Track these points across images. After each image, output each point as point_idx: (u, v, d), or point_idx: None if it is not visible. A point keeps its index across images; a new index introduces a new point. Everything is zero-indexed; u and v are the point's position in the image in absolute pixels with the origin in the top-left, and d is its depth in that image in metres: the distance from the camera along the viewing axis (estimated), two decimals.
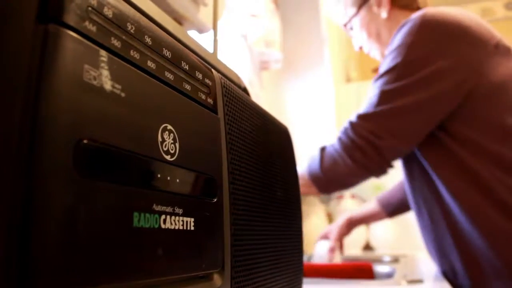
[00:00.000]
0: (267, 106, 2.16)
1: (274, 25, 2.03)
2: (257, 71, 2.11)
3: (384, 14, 1.19)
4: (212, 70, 0.39)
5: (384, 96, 1.01)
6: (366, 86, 2.88)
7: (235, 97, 0.41)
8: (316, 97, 2.44)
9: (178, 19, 0.89)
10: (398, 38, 1.03)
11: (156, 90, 0.29)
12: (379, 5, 1.20)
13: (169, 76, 0.31)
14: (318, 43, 2.46)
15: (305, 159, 1.20)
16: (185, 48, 0.35)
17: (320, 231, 2.49)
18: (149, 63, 0.29)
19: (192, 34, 0.95)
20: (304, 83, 2.48)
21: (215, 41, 0.85)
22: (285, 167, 0.51)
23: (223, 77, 0.40)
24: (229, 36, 1.89)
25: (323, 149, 1.13)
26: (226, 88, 0.40)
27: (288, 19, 2.45)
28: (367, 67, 3.50)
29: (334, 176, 1.10)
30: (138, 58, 0.28)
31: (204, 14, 0.92)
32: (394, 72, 1.01)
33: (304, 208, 2.55)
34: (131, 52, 0.28)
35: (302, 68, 2.49)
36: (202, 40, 1.06)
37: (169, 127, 0.30)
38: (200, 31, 0.94)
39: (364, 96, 2.80)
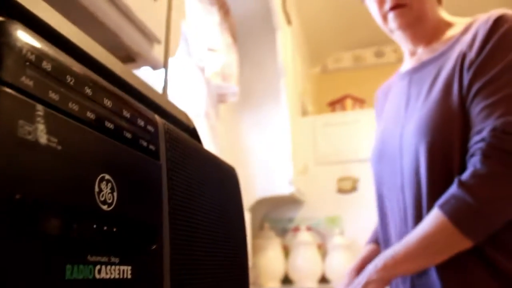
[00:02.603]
0: (223, 138, 2.18)
1: (232, 59, 2.06)
2: (214, 103, 2.13)
3: None
4: (155, 116, 0.40)
5: None
6: (321, 120, 2.94)
7: (179, 142, 0.42)
8: (272, 130, 2.47)
9: (132, 56, 0.90)
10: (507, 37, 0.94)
11: (94, 140, 0.30)
12: None
13: (109, 125, 0.32)
14: (275, 77, 2.51)
15: (433, 212, 0.91)
16: (127, 96, 0.36)
17: (275, 264, 2.50)
18: (88, 114, 0.30)
19: (146, 70, 0.96)
20: (260, 116, 2.51)
21: (165, 81, 0.86)
22: (231, 209, 0.52)
23: (166, 123, 0.41)
24: (186, 69, 1.90)
25: (461, 183, 0.88)
26: (170, 134, 0.41)
27: (246, 53, 2.49)
28: (322, 101, 3.58)
29: (503, 206, 0.86)
30: (76, 109, 0.29)
31: (158, 51, 0.93)
32: None
33: (260, 241, 2.55)
34: (70, 104, 0.28)
35: (258, 101, 2.53)
36: (156, 77, 1.07)
37: (107, 177, 0.30)
38: (154, 67, 0.95)
39: (320, 129, 2.86)
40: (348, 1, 3.24)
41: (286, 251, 2.63)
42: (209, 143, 1.96)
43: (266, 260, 2.49)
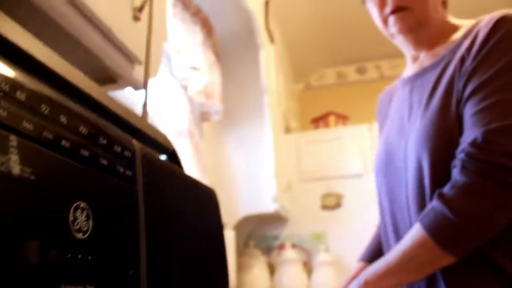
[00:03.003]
0: (207, 156, 2.17)
1: (215, 77, 2.07)
2: (197, 122, 2.14)
3: None
4: (133, 140, 0.40)
5: (510, 105, 0.85)
6: (305, 137, 2.95)
7: (156, 166, 0.42)
8: (255, 148, 2.48)
9: (113, 77, 0.90)
10: (503, 41, 0.90)
11: (69, 169, 0.30)
12: None
13: (85, 153, 0.32)
14: (258, 95, 2.52)
15: (414, 226, 0.89)
16: (104, 122, 0.36)
17: (261, 282, 2.49)
18: (63, 142, 0.30)
19: (128, 91, 0.96)
20: (244, 134, 2.52)
21: (145, 101, 0.87)
22: (210, 231, 0.52)
23: (144, 147, 0.41)
24: (170, 87, 1.91)
25: (441, 194, 0.85)
26: (147, 159, 0.41)
27: (229, 71, 2.51)
28: (306, 118, 3.60)
29: (480, 219, 0.82)
30: (51, 138, 0.29)
31: (139, 72, 0.93)
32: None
33: (245, 259, 2.54)
34: (44, 133, 0.28)
35: (242, 119, 2.54)
36: (138, 97, 1.07)
37: (82, 204, 0.30)
38: (135, 88, 0.95)
39: (303, 146, 2.87)
40: (330, 19, 3.28)
41: (272, 269, 2.62)
42: (192, 162, 1.96)
43: (252, 278, 2.47)
